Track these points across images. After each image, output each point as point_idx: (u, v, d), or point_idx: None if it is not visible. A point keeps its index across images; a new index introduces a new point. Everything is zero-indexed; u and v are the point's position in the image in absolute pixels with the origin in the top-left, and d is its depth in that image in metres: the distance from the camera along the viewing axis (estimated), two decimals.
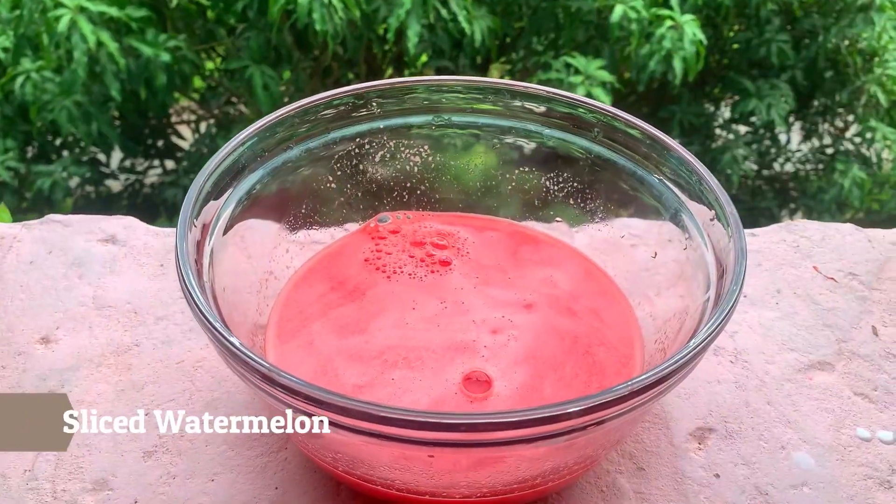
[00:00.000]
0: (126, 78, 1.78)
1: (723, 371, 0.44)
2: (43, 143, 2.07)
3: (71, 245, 0.49)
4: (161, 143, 2.23)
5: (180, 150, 2.24)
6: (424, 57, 1.97)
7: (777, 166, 2.41)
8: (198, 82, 2.15)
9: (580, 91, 1.70)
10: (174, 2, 1.87)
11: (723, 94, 2.30)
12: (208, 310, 0.30)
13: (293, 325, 0.40)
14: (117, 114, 2.04)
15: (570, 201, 0.45)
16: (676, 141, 0.40)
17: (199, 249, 0.35)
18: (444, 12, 1.75)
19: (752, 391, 0.43)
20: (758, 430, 0.41)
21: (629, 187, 0.43)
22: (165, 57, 1.77)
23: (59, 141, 2.09)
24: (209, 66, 2.11)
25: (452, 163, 0.46)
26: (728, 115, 2.31)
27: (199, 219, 0.35)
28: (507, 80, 0.45)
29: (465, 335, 0.40)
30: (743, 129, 2.31)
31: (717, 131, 2.29)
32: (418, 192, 0.47)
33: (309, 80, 1.98)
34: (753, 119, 2.23)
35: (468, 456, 0.30)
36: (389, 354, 0.38)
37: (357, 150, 0.45)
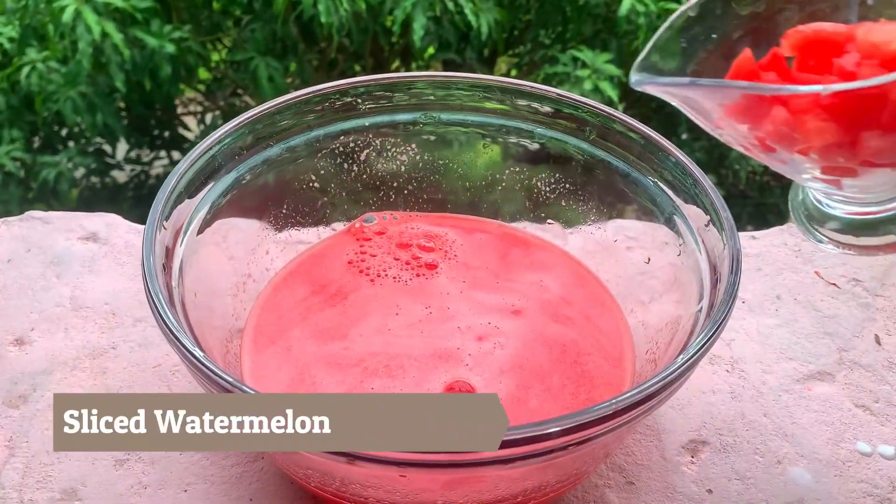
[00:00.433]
0: (131, 69, 1.77)
1: (718, 380, 0.42)
2: (49, 134, 2.06)
3: (51, 243, 0.48)
4: (167, 134, 2.22)
5: (186, 141, 2.23)
6: (431, 49, 1.95)
7: None
8: (203, 73, 2.13)
9: (587, 85, 1.67)
10: None
11: None
12: (169, 318, 0.29)
13: (271, 330, 0.39)
14: (123, 105, 2.03)
15: (563, 203, 0.44)
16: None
17: (169, 252, 0.34)
18: (451, 5, 1.73)
19: (749, 402, 0.41)
20: (753, 443, 0.39)
21: (623, 189, 0.41)
22: (170, 48, 1.76)
23: (64, 131, 2.08)
24: (215, 57, 2.10)
25: (441, 162, 0.45)
26: None
27: (169, 220, 0.34)
28: (498, 76, 0.43)
29: (449, 342, 0.38)
30: None
31: None
32: (405, 192, 0.45)
33: (315, 72, 1.96)
34: None
35: (442, 475, 0.29)
36: (370, 362, 0.37)
37: (342, 149, 0.43)
